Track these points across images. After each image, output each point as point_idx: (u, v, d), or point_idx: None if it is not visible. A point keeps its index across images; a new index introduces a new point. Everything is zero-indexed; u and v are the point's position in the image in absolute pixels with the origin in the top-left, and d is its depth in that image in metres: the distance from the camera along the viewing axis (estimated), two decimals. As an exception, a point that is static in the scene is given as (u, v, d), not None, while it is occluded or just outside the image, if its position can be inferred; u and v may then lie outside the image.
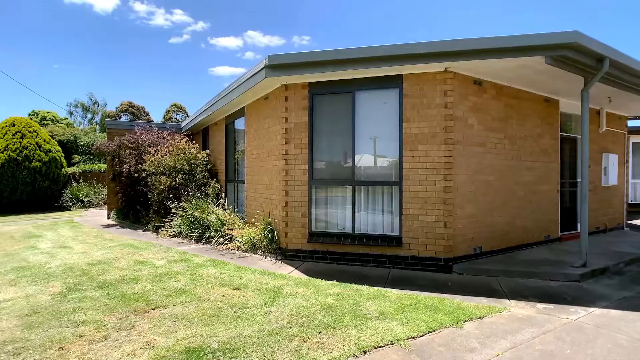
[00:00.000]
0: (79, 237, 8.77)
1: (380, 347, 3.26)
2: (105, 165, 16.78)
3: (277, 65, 6.00)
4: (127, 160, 10.65)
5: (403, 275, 5.61)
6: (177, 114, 46.59)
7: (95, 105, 46.37)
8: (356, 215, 6.28)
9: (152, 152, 10.00)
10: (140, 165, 10.15)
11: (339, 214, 6.43)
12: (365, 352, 3.15)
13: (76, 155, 21.82)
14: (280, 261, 6.38)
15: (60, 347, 3.17)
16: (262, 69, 6.14)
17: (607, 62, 5.37)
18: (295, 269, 5.90)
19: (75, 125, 41.51)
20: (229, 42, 76.48)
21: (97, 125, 42.50)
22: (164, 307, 4.11)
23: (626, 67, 5.75)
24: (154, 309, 4.07)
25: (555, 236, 7.70)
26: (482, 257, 6.21)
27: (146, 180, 9.87)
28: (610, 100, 7.92)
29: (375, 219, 6.25)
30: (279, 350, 3.15)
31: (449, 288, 5.01)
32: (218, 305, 4.18)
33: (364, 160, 6.32)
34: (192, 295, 4.51)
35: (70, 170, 17.93)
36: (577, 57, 5.16)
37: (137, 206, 10.93)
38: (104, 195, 16.33)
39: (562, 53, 5.01)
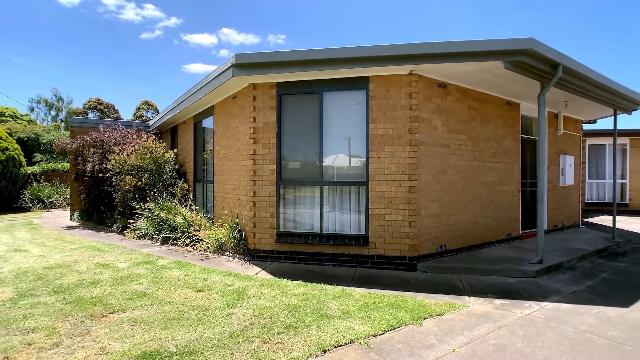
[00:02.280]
0: (37, 239, 8.39)
1: (341, 346, 3.29)
2: (68, 165, 16.11)
3: (244, 65, 5.95)
4: (91, 160, 10.28)
5: (369, 274, 5.69)
6: (147, 111, 45.36)
7: (60, 101, 44.44)
8: (324, 215, 6.31)
9: (117, 151, 9.70)
10: (104, 165, 9.83)
11: (307, 214, 6.45)
12: (325, 352, 3.18)
13: (38, 154, 20.86)
14: (248, 262, 6.33)
15: (5, 357, 3.02)
16: (229, 67, 6.08)
17: (561, 68, 5.63)
18: (263, 269, 5.88)
19: (38, 122, 39.60)
20: (203, 39, 75.14)
21: (62, 123, 40.77)
22: (122, 311, 4.00)
23: (578, 73, 6.05)
24: (112, 313, 3.95)
25: (516, 234, 8.01)
26: (446, 255, 6.38)
27: (111, 180, 9.56)
28: (566, 104, 8.32)
29: (343, 218, 6.31)
30: (238, 352, 3.13)
31: (413, 286, 5.12)
32: (179, 308, 4.11)
33: (332, 160, 6.36)
34: (154, 299, 4.41)
35: (30, 169, 17.12)
36: (533, 63, 5.39)
37: (101, 207, 10.57)
38: (68, 196, 15.69)
39: (519, 59, 5.22)
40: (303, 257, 6.26)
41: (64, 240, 8.24)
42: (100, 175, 9.87)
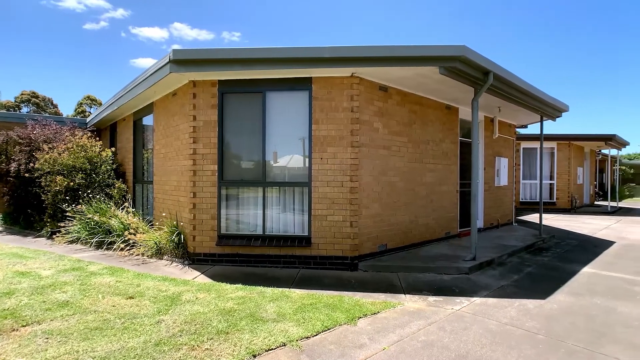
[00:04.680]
0: (-51, 246, 7.53)
1: (272, 349, 3.24)
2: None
3: (182, 61, 5.72)
4: (17, 158, 9.43)
5: (311, 275, 5.69)
6: (91, 107, 42.62)
7: (-15, 94, 40.43)
8: (267, 216, 6.23)
9: (46, 149, 8.97)
10: (32, 164, 9.06)
11: (250, 215, 6.34)
12: (254, 357, 3.12)
13: (-44, 151, 18.78)
14: (187, 266, 6.09)
15: None
16: (166, 63, 5.82)
17: (492, 75, 5.98)
18: (202, 273, 5.68)
19: (-42, 116, 35.73)
20: (153, 32, 72.03)
21: (-12, 117, 37.12)
22: (38, 323, 3.68)
23: (507, 80, 6.46)
24: (25, 326, 3.62)
25: (454, 233, 8.39)
26: (387, 254, 6.54)
27: (40, 181, 8.82)
28: (499, 109, 8.86)
29: (286, 219, 6.27)
30: (161, 361, 2.99)
31: (352, 286, 5.19)
32: (105, 317, 3.85)
33: (275, 161, 6.30)
34: (77, 308, 4.10)
35: (-54, 168, 15.35)
36: (466, 69, 5.67)
37: (28, 210, 9.72)
38: (-9, 198, 14.26)
39: (453, 65, 5.46)
40: (245, 259, 6.13)
41: (-20, 247, 7.46)
42: (27, 175, 9.09)
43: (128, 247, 6.98)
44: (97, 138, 10.79)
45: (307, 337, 3.50)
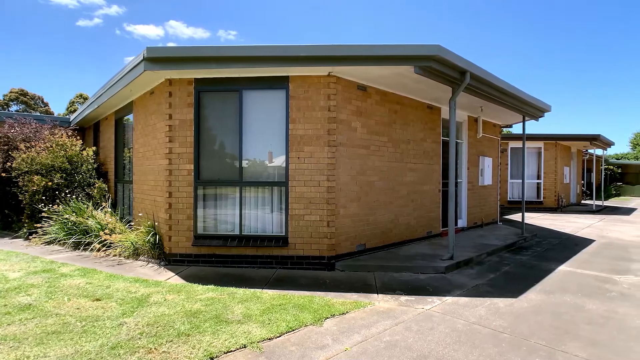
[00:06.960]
0: None
1: (231, 351, 3.19)
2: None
3: (157, 59, 5.64)
4: (-6, 158, 9.28)
5: (287, 275, 5.64)
6: (82, 105, 42.15)
7: (-31, 91, 39.80)
8: (244, 216, 6.17)
9: (23, 148, 8.84)
10: (10, 164, 8.92)
11: (227, 215, 6.27)
12: (212, 359, 3.06)
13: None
14: (162, 267, 6.02)
15: None
16: (141, 61, 5.74)
17: (468, 75, 5.96)
18: (176, 274, 5.61)
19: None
20: (148, 30, 71.37)
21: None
22: (-6, 327, 3.59)
23: (485, 80, 6.45)
24: (-20, 330, 3.53)
25: (436, 232, 8.38)
26: (366, 253, 6.51)
27: (17, 181, 8.69)
28: (481, 109, 8.87)
29: (263, 219, 6.21)
30: (114, 365, 2.92)
31: (327, 286, 5.15)
32: (65, 320, 3.77)
33: (252, 160, 6.24)
34: (39, 311, 4.01)
35: None
36: (442, 69, 5.64)
37: (6, 210, 9.58)
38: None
39: (428, 64, 5.44)
40: (222, 260, 6.07)
41: (-47, 248, 7.32)
42: (4, 175, 8.95)
43: (105, 248, 6.88)
44: (79, 137, 10.67)
45: (269, 339, 3.45)
